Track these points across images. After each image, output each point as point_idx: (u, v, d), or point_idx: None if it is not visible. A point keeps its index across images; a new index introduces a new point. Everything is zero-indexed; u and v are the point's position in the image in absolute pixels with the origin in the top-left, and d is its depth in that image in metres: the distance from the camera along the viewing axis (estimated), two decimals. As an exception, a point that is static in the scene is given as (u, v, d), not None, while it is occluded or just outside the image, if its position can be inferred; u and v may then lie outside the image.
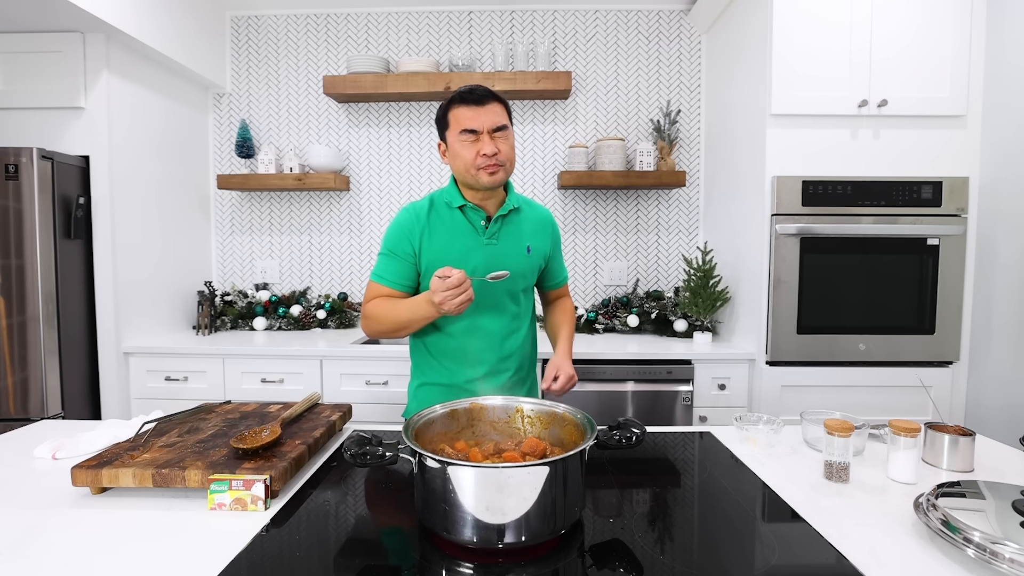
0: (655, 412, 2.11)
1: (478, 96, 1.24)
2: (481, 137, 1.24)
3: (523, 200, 1.43)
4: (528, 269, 1.38)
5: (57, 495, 0.91)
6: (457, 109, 1.25)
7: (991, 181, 1.97)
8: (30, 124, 2.09)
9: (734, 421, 1.20)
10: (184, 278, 2.61)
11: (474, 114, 1.24)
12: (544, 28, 2.70)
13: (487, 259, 1.31)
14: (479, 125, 1.23)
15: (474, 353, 1.34)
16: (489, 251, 1.32)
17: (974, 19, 1.96)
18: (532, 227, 1.39)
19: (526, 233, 1.38)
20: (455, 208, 1.32)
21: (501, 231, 1.34)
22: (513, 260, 1.33)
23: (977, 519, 0.73)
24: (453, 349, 1.35)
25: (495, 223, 1.33)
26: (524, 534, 0.72)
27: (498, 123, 1.25)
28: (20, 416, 1.93)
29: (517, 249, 1.35)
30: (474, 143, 1.24)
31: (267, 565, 0.72)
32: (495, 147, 1.23)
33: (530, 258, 1.37)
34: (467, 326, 1.33)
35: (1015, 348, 1.87)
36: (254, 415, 1.19)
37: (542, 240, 1.41)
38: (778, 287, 2.00)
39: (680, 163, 2.70)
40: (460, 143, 1.25)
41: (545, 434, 0.95)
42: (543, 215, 1.44)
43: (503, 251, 1.33)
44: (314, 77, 2.75)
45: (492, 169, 1.24)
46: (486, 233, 1.32)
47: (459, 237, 1.31)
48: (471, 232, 1.32)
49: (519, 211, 1.38)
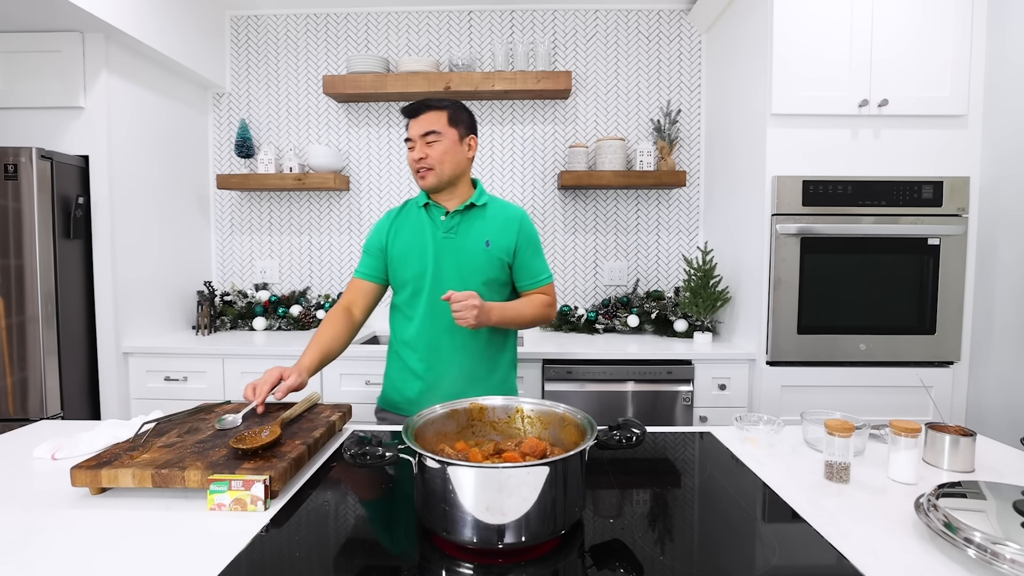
0: (655, 412, 2.11)
1: (413, 109, 1.42)
2: (415, 144, 1.41)
3: (493, 199, 1.51)
4: (486, 263, 1.43)
5: (56, 495, 0.91)
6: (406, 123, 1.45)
7: (992, 181, 1.97)
8: (29, 124, 2.09)
9: (734, 421, 1.20)
10: (184, 278, 2.61)
11: (410, 125, 1.42)
12: (544, 28, 2.70)
13: (444, 251, 1.43)
14: (412, 134, 1.41)
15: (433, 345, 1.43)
16: (446, 244, 1.43)
17: (975, 18, 1.95)
18: (496, 223, 1.46)
19: (487, 228, 1.45)
20: (421, 207, 1.48)
21: (459, 226, 1.44)
22: (470, 253, 1.42)
23: (978, 519, 0.73)
24: (410, 338, 1.45)
25: (452, 218, 1.44)
26: (524, 534, 0.72)
27: (426, 129, 1.39)
28: (19, 416, 1.92)
29: (475, 242, 1.43)
30: (412, 151, 1.42)
31: (267, 565, 0.72)
32: (421, 152, 1.39)
33: (488, 252, 1.43)
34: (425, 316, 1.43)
35: (1016, 348, 1.86)
36: (254, 415, 1.19)
37: (505, 236, 1.45)
38: (778, 287, 2.00)
39: (680, 163, 2.70)
40: (408, 152, 1.44)
41: (545, 434, 0.95)
42: (512, 213, 1.49)
43: (460, 244, 1.43)
44: (314, 77, 2.75)
45: (421, 173, 1.41)
46: (443, 227, 1.44)
47: (420, 232, 1.45)
48: (431, 227, 1.45)
49: (483, 208, 1.47)
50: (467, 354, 1.43)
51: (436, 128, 1.39)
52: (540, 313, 1.48)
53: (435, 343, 1.43)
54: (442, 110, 1.41)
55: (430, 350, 1.43)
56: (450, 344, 1.42)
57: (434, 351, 1.43)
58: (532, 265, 1.50)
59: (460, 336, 1.42)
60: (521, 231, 1.47)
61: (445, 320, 1.37)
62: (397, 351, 1.50)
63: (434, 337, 1.42)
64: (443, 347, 1.42)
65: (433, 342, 1.43)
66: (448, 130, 1.40)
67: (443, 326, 1.40)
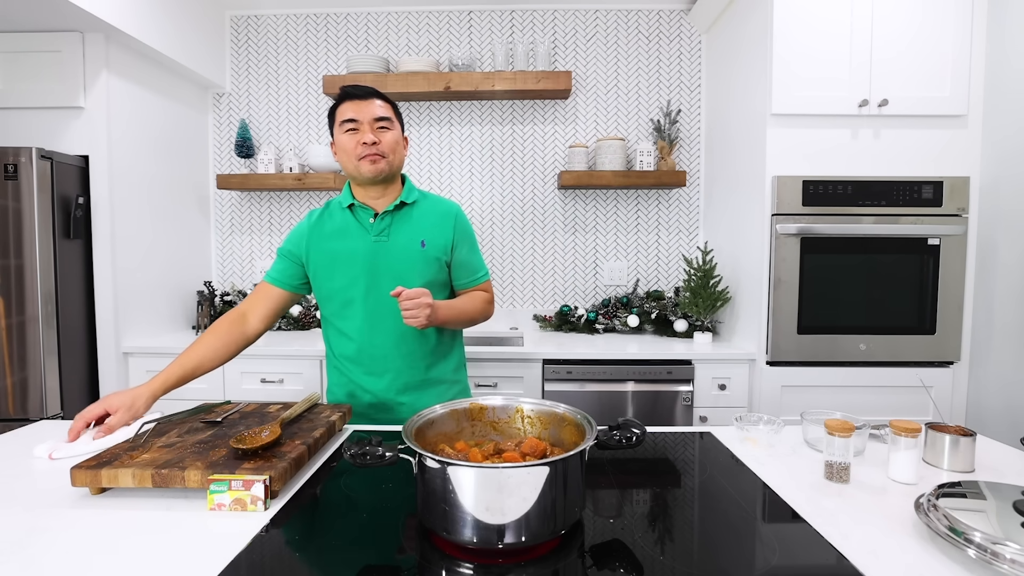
0: (655, 412, 2.11)
1: (361, 92, 1.30)
2: (361, 127, 1.28)
3: (425, 195, 1.42)
4: (423, 265, 1.34)
5: (56, 495, 0.91)
6: (342, 105, 1.30)
7: (992, 181, 1.97)
8: (29, 124, 2.09)
9: (734, 421, 1.20)
10: (183, 278, 2.61)
11: (355, 107, 1.29)
12: (544, 28, 2.70)
13: (376, 257, 1.32)
14: (360, 115, 1.28)
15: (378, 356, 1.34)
16: (378, 248, 1.32)
17: (975, 18, 1.95)
18: (430, 221, 1.37)
19: (421, 227, 1.35)
20: (345, 208, 1.35)
21: (391, 227, 1.34)
22: (404, 256, 1.32)
23: (978, 519, 0.73)
24: (352, 352, 1.35)
25: (382, 219, 1.33)
26: (524, 534, 0.72)
27: (380, 115, 1.29)
28: (19, 416, 1.92)
29: (409, 244, 1.33)
30: (355, 134, 1.28)
31: (267, 565, 0.72)
32: (375, 136, 1.27)
33: (425, 252, 1.34)
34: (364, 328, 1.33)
35: (1016, 348, 1.86)
36: (254, 415, 1.19)
37: (441, 234, 1.36)
38: (778, 287, 2.00)
39: (680, 163, 2.70)
40: (343, 135, 1.29)
41: (545, 434, 0.95)
42: (446, 208, 1.41)
43: (393, 247, 1.33)
44: (314, 77, 2.75)
45: (372, 158, 1.28)
46: (373, 230, 1.33)
47: (347, 237, 1.33)
48: (359, 231, 1.34)
49: (414, 205, 1.37)
50: (413, 361, 1.35)
51: (388, 115, 1.31)
52: (481, 310, 1.42)
53: (380, 354, 1.34)
54: (388, 103, 1.33)
55: (375, 361, 1.34)
56: (396, 353, 1.34)
57: (379, 362, 1.34)
58: (469, 262, 1.42)
59: (406, 343, 1.34)
60: (457, 227, 1.39)
61: (387, 329, 1.31)
62: (338, 367, 1.40)
63: (377, 348, 1.34)
64: (389, 357, 1.34)
65: (377, 354, 1.34)
66: (395, 123, 1.33)
67: (386, 336, 1.33)
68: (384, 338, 1.33)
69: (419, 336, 1.35)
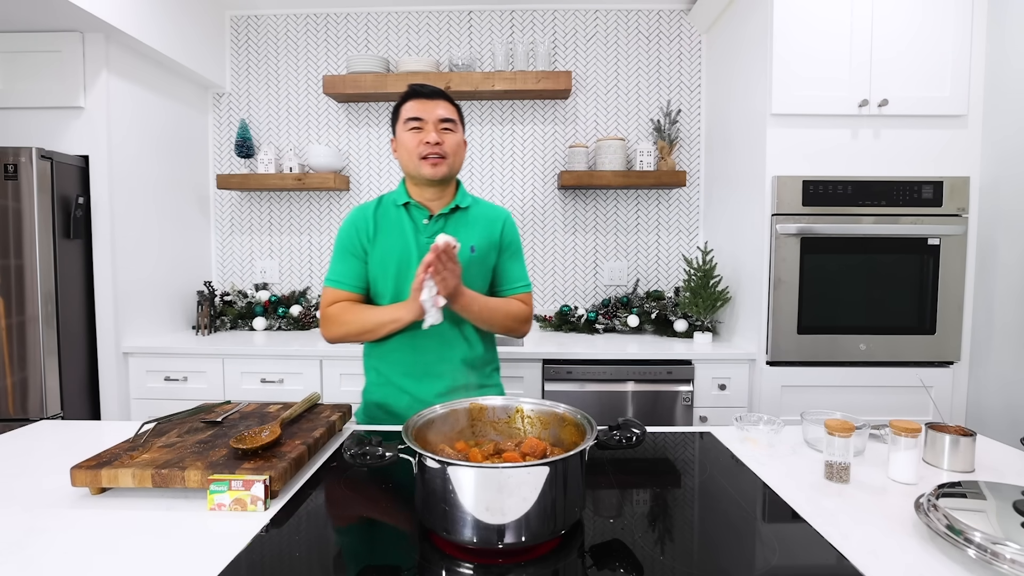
0: (655, 412, 2.11)
1: (428, 91, 1.30)
2: (425, 126, 1.27)
3: (476, 201, 1.41)
4: (473, 268, 1.31)
5: (56, 495, 0.91)
6: (408, 103, 1.30)
7: (992, 181, 1.97)
8: (29, 124, 2.09)
9: (734, 421, 1.20)
10: (184, 278, 2.61)
11: (421, 106, 1.28)
12: (544, 28, 2.70)
13: None
14: (425, 115, 1.27)
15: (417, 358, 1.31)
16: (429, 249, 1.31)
17: (975, 18, 1.95)
18: (480, 226, 1.35)
19: (473, 232, 1.33)
20: (400, 206, 1.34)
21: (445, 229, 1.32)
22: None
23: (978, 519, 0.73)
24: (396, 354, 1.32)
25: (436, 221, 1.32)
26: (524, 534, 0.72)
27: (446, 116, 1.28)
28: (19, 416, 1.92)
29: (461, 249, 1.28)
30: (418, 132, 1.27)
31: (267, 565, 0.72)
32: (439, 137, 1.26)
33: (475, 258, 1.32)
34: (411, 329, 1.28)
35: (1016, 348, 1.86)
36: (254, 415, 1.19)
37: (490, 239, 1.35)
38: (778, 287, 2.00)
39: (680, 163, 2.70)
40: (406, 133, 1.28)
41: (545, 434, 0.95)
42: (496, 214, 1.40)
43: None
44: (314, 77, 2.75)
45: (434, 160, 1.27)
46: (426, 231, 1.31)
47: (401, 235, 1.31)
48: (413, 231, 1.32)
49: (467, 210, 1.36)
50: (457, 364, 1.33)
51: (453, 117, 1.30)
52: (513, 315, 1.34)
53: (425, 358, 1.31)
54: (454, 105, 1.33)
55: (418, 365, 1.32)
56: (441, 357, 1.31)
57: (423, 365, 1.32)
58: (511, 269, 1.39)
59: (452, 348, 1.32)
60: (505, 232, 1.38)
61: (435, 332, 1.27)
62: (377, 367, 1.37)
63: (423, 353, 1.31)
64: (433, 361, 1.31)
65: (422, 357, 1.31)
66: (459, 126, 1.33)
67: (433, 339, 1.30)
68: (431, 341, 1.30)
69: (464, 341, 1.33)
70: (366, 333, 1.29)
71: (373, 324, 1.27)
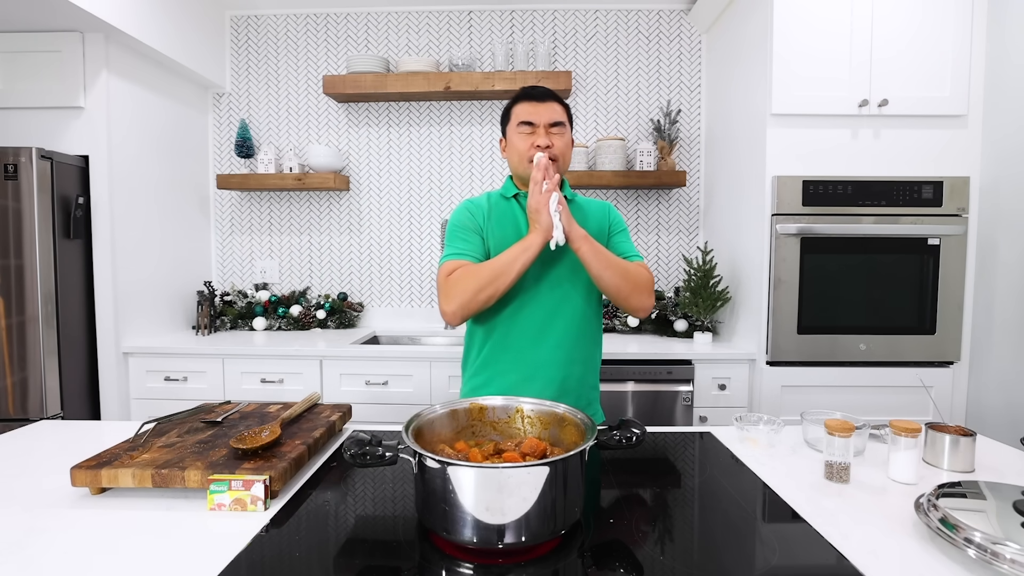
0: (655, 412, 2.11)
1: (539, 93, 1.30)
2: (537, 130, 1.29)
3: (576, 195, 1.41)
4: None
5: (56, 495, 0.91)
6: (519, 105, 1.32)
7: (992, 181, 1.97)
8: (29, 124, 2.09)
9: (734, 421, 1.20)
10: (184, 278, 2.61)
11: (533, 109, 1.29)
12: (544, 28, 2.70)
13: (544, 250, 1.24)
14: (536, 118, 1.28)
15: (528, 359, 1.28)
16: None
17: (975, 18, 1.95)
18: (588, 217, 1.36)
19: (582, 220, 1.32)
20: (510, 198, 1.36)
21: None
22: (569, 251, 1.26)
23: (978, 519, 0.73)
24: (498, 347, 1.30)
25: None
26: (524, 534, 0.72)
27: (556, 119, 1.29)
28: (19, 416, 1.92)
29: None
30: (530, 135, 1.29)
31: (267, 565, 0.72)
32: (549, 140, 1.27)
33: None
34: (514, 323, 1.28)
35: (1016, 348, 1.86)
36: (254, 415, 1.19)
37: (599, 228, 1.36)
38: (778, 287, 2.00)
39: (680, 163, 2.70)
40: (517, 135, 1.30)
41: (545, 434, 0.95)
42: (601, 204, 1.43)
43: None
44: (314, 77, 2.75)
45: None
46: None
47: (514, 223, 1.33)
48: (525, 220, 1.32)
49: (573, 202, 1.37)
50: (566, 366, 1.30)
51: (563, 120, 1.30)
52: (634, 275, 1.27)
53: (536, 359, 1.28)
54: (563, 105, 1.32)
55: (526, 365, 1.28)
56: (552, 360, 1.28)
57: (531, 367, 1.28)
58: (621, 244, 1.37)
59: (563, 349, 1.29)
60: (612, 218, 1.40)
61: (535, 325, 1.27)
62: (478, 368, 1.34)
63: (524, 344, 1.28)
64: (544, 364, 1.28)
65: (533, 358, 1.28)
66: (568, 127, 1.33)
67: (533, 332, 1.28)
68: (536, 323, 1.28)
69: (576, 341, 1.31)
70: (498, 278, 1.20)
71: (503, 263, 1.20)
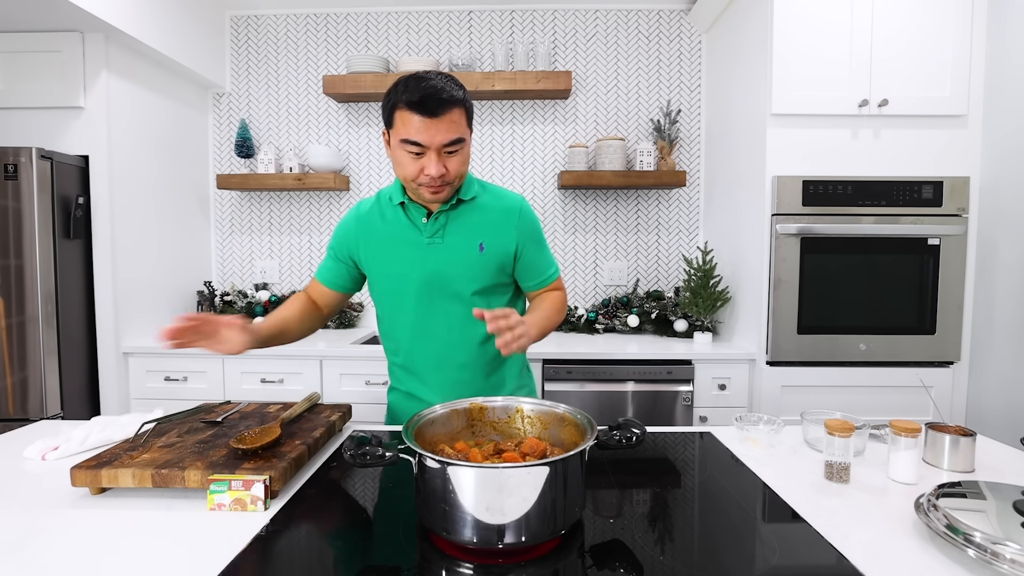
0: (655, 412, 2.11)
1: (434, 105, 1.04)
2: (427, 152, 1.08)
3: (485, 188, 1.25)
4: (479, 270, 1.20)
5: (56, 495, 0.91)
6: (406, 114, 1.06)
7: (992, 181, 1.97)
8: (29, 124, 2.09)
9: (734, 421, 1.19)
10: (183, 278, 2.61)
11: (424, 127, 1.05)
12: (544, 28, 2.70)
13: (428, 262, 1.19)
14: (428, 140, 1.06)
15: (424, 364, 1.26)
16: (431, 252, 1.19)
17: (975, 18, 1.95)
18: (490, 220, 1.21)
19: (480, 228, 1.20)
20: (397, 205, 1.21)
21: (447, 228, 1.19)
22: (460, 260, 1.19)
23: (978, 519, 0.73)
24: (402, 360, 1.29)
25: (436, 219, 1.19)
26: (524, 534, 0.72)
27: (451, 138, 1.07)
28: (19, 416, 1.92)
29: (466, 247, 1.19)
30: (418, 158, 1.09)
31: (267, 565, 0.72)
32: (442, 167, 1.08)
33: (483, 256, 1.20)
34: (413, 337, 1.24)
35: (1016, 348, 1.86)
36: (254, 415, 1.19)
37: (502, 235, 1.21)
38: (778, 287, 2.00)
39: (680, 163, 2.70)
40: (403, 152, 1.09)
41: (545, 434, 0.95)
42: (508, 204, 1.23)
43: (448, 250, 1.19)
44: (314, 77, 2.75)
45: (435, 189, 1.11)
46: (426, 231, 1.19)
47: (398, 240, 1.21)
48: (412, 232, 1.20)
49: (473, 202, 1.21)
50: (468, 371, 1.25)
51: (462, 135, 1.09)
52: (563, 309, 1.29)
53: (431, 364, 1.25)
54: (461, 105, 1.09)
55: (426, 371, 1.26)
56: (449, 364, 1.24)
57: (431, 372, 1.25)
58: (538, 262, 1.27)
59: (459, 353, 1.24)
60: (521, 226, 1.23)
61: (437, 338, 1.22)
62: (396, 374, 1.33)
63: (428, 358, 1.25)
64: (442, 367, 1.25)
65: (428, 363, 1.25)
66: (467, 141, 1.13)
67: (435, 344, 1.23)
68: (434, 347, 1.23)
69: (472, 344, 1.24)
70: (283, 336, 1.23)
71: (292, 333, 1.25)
